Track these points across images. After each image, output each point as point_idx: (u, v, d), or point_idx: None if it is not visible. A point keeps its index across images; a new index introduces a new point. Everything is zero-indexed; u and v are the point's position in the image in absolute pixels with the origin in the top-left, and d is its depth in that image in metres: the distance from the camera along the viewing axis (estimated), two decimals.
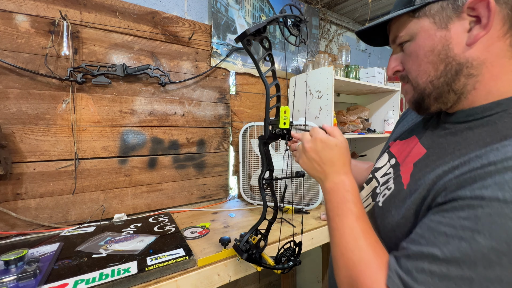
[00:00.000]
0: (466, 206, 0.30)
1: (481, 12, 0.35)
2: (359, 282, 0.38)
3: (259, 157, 1.41)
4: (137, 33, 1.19)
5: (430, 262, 0.31)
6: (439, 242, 0.31)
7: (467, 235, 0.29)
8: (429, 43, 0.40)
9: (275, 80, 0.71)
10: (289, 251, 0.79)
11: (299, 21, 0.69)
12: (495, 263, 0.27)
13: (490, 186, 0.29)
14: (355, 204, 0.45)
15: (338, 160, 0.50)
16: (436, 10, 0.39)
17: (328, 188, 0.49)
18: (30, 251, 0.81)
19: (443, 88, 0.41)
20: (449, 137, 0.41)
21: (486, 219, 0.28)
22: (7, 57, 0.95)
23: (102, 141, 1.14)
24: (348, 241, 0.42)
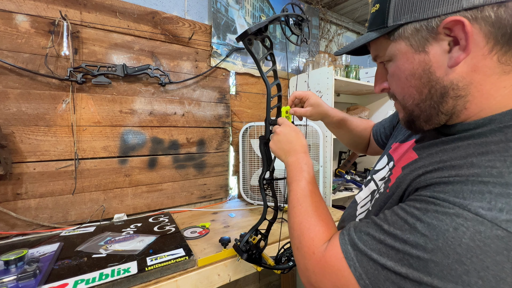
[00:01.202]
0: (422, 200, 0.34)
1: (458, 34, 0.33)
2: (302, 226, 0.47)
3: (259, 157, 1.41)
4: (137, 33, 1.19)
5: (376, 230, 0.36)
6: (390, 220, 0.35)
7: (410, 220, 0.33)
8: (409, 66, 0.38)
9: (276, 80, 0.71)
10: (289, 251, 0.79)
11: (301, 20, 0.68)
12: (421, 246, 0.31)
13: (448, 192, 0.32)
14: (308, 173, 0.56)
15: (299, 142, 0.62)
16: (410, 33, 0.37)
17: (291, 161, 0.60)
18: (30, 251, 0.81)
19: (431, 111, 0.39)
20: (440, 146, 0.40)
21: (431, 213, 0.31)
22: (7, 57, 0.95)
23: (102, 141, 1.14)
24: (300, 199, 0.52)
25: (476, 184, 0.30)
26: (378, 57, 0.45)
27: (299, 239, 0.46)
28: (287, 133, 0.63)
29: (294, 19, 0.68)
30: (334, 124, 0.83)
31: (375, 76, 0.48)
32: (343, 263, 0.37)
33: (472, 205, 0.29)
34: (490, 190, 0.29)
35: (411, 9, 0.36)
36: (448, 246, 0.29)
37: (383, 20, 0.39)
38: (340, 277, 0.37)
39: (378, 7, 0.40)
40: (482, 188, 0.29)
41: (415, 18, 0.36)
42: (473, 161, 0.33)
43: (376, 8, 0.41)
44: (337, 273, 0.38)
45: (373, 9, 0.42)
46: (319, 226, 0.46)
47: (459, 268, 0.28)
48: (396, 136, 0.62)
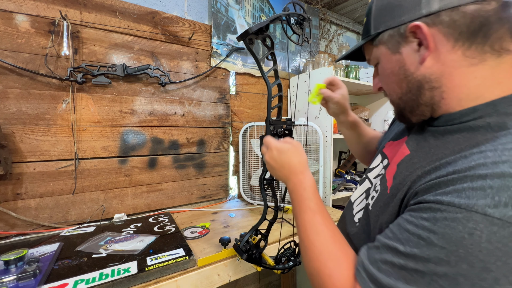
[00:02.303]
0: (428, 208, 0.33)
1: (420, 36, 0.39)
2: (321, 273, 0.43)
3: (259, 157, 1.41)
4: (137, 33, 1.19)
5: (393, 255, 0.35)
6: (403, 238, 0.35)
7: (424, 235, 0.32)
8: (389, 66, 0.45)
9: (277, 80, 0.71)
10: (289, 251, 0.79)
11: (302, 19, 0.68)
12: (444, 261, 0.30)
13: (450, 193, 0.32)
14: (312, 200, 0.51)
15: (293, 162, 0.56)
16: (386, 38, 0.44)
17: (290, 189, 0.55)
18: (30, 251, 0.81)
19: (412, 102, 0.44)
20: (432, 140, 0.42)
21: (442, 222, 0.31)
22: (7, 57, 0.95)
23: (102, 141, 1.14)
24: (309, 235, 0.47)
25: (474, 180, 0.31)
26: (369, 61, 0.52)
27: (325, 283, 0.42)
28: (276, 157, 0.58)
29: (296, 18, 0.68)
30: (348, 124, 0.81)
31: (373, 77, 0.55)
32: None
33: (478, 204, 0.29)
34: (490, 185, 0.29)
35: (385, 19, 0.43)
36: (470, 255, 0.29)
37: (368, 30, 0.47)
38: None
39: (365, 20, 0.49)
40: (482, 184, 0.30)
41: (388, 27, 0.43)
42: (466, 154, 0.34)
43: (364, 21, 0.49)
44: None
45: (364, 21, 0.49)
46: (337, 264, 0.42)
47: (488, 276, 0.28)
48: (388, 136, 0.64)
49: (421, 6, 0.39)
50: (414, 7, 0.39)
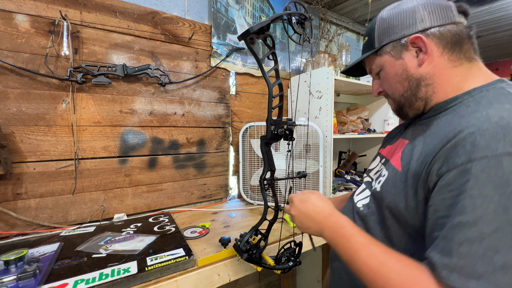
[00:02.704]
0: (461, 171, 0.38)
1: (420, 44, 0.52)
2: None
3: (259, 157, 1.41)
4: (137, 33, 1.19)
5: (462, 230, 0.35)
6: (458, 209, 0.36)
7: (476, 193, 0.35)
8: (393, 70, 0.57)
9: (278, 80, 0.71)
10: (289, 251, 0.79)
11: (303, 19, 0.68)
12: (509, 207, 0.33)
13: (471, 151, 0.37)
14: (358, 235, 0.49)
15: (319, 206, 0.58)
16: (390, 48, 0.56)
17: (328, 237, 0.54)
18: (30, 251, 0.81)
19: (411, 98, 0.56)
20: (424, 127, 0.54)
21: (482, 175, 0.35)
22: (7, 57, 0.95)
23: (102, 141, 1.14)
24: (374, 268, 0.44)
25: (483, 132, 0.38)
26: (372, 70, 0.63)
27: None
28: (301, 208, 0.59)
29: (297, 18, 0.68)
30: None
31: (372, 85, 0.66)
32: None
33: (499, 148, 0.35)
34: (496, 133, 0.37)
35: (388, 35, 0.56)
36: None
37: (371, 44, 0.60)
38: None
39: (367, 39, 0.62)
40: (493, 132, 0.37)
41: (391, 40, 0.56)
42: (461, 121, 0.43)
43: (365, 40, 0.62)
44: None
45: (364, 41, 0.63)
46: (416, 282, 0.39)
47: None
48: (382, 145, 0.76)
49: (416, 25, 0.53)
50: (411, 25, 0.53)
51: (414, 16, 0.53)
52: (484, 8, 1.95)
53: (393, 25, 0.55)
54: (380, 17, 0.58)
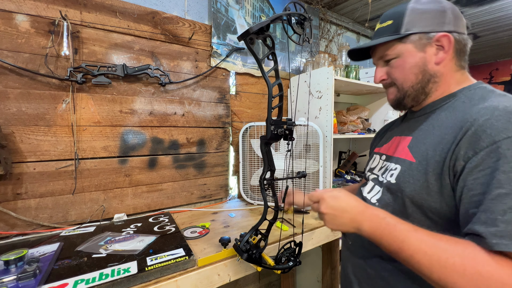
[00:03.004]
0: (488, 152, 0.43)
1: (444, 43, 0.57)
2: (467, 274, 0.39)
3: (259, 157, 1.41)
4: (137, 33, 1.19)
5: (503, 199, 0.39)
6: (494, 184, 0.41)
7: (508, 169, 0.40)
8: (413, 60, 0.59)
9: (278, 80, 0.71)
10: (289, 251, 0.79)
11: (303, 19, 0.68)
12: None
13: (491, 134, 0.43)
14: (400, 223, 0.49)
15: (352, 202, 0.55)
16: (416, 39, 0.58)
17: (369, 229, 0.52)
18: (30, 251, 0.81)
19: (419, 90, 0.61)
20: (424, 122, 0.60)
21: (507, 152, 0.41)
22: (7, 57, 0.95)
23: (102, 141, 1.14)
24: (433, 252, 0.43)
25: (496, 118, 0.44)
26: (385, 56, 0.63)
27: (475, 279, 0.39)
28: (334, 205, 0.56)
29: (296, 18, 0.68)
30: None
31: (376, 71, 0.67)
32: None
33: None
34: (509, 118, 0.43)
35: (417, 25, 0.58)
36: None
37: (396, 30, 0.59)
38: None
39: (391, 22, 0.61)
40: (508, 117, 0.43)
41: (420, 31, 0.58)
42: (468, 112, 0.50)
43: (389, 23, 0.61)
44: None
45: (386, 24, 0.62)
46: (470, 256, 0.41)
47: None
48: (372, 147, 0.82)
49: (445, 24, 0.56)
50: (440, 23, 0.57)
51: (445, 16, 0.57)
52: (484, 8, 1.95)
53: (425, 18, 0.57)
54: (413, 6, 0.59)
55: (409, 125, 0.66)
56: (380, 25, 0.64)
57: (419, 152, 0.56)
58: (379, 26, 0.64)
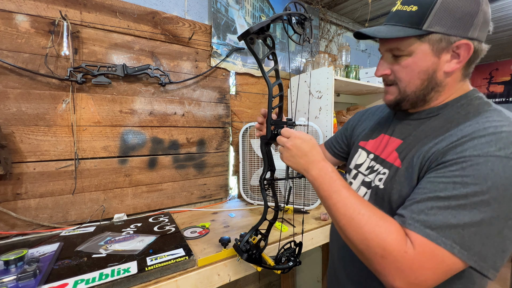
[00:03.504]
0: (453, 163, 0.45)
1: (462, 52, 0.50)
2: (374, 240, 0.46)
3: (259, 157, 1.41)
4: (137, 33, 1.19)
5: (436, 201, 0.44)
6: (439, 188, 0.45)
7: (458, 180, 0.43)
8: (425, 64, 0.53)
9: (278, 80, 0.71)
10: (289, 251, 0.79)
11: (303, 19, 0.68)
12: (479, 192, 0.42)
13: (467, 149, 0.45)
14: (341, 180, 0.55)
15: (314, 151, 0.59)
16: (436, 40, 0.51)
17: (315, 174, 0.57)
18: (30, 251, 0.81)
19: (420, 97, 0.57)
20: (417, 128, 0.58)
21: (469, 168, 0.43)
22: (7, 57, 0.95)
23: (102, 141, 1.14)
24: (354, 207, 0.50)
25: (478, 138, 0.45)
26: (397, 50, 0.55)
27: (382, 246, 0.45)
28: (299, 145, 0.60)
29: (297, 18, 0.68)
30: None
31: (380, 63, 0.61)
32: (431, 245, 0.42)
33: (490, 151, 0.43)
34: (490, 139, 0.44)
35: (444, 23, 0.49)
36: (496, 182, 0.41)
37: (419, 22, 0.50)
38: (436, 259, 0.42)
39: (416, 9, 0.51)
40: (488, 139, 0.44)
41: (444, 32, 0.49)
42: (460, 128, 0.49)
43: (412, 8, 0.52)
44: (432, 257, 0.42)
45: (408, 8, 0.52)
46: (388, 224, 0.47)
47: (508, 192, 0.41)
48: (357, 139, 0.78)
49: (471, 29, 0.49)
50: (467, 27, 0.49)
51: (475, 18, 0.49)
52: None
53: (454, 16, 0.49)
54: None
55: (401, 126, 0.63)
56: (402, 7, 0.54)
57: (406, 158, 0.56)
58: (400, 8, 0.54)
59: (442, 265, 0.42)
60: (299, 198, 1.36)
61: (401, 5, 0.54)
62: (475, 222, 0.41)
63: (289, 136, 0.62)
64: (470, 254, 0.41)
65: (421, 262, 0.43)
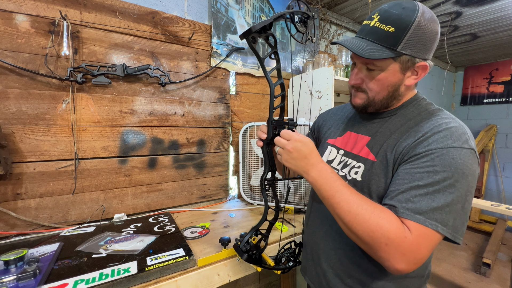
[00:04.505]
0: (424, 155, 0.55)
1: (420, 70, 0.62)
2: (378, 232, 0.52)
3: (259, 157, 1.41)
4: (137, 33, 1.19)
5: (417, 189, 0.53)
6: (417, 178, 0.54)
7: (430, 169, 0.53)
8: (394, 79, 0.63)
9: (280, 79, 0.70)
10: (289, 252, 0.79)
11: (306, 17, 0.67)
12: (448, 178, 0.52)
13: (432, 143, 0.55)
14: (341, 180, 0.60)
15: (314, 153, 0.63)
16: (405, 60, 0.60)
17: (316, 176, 0.61)
18: (30, 251, 0.81)
19: (384, 104, 0.67)
20: (382, 126, 0.68)
21: (436, 159, 0.53)
22: (7, 57, 0.95)
23: (102, 141, 1.14)
24: (357, 204, 0.55)
25: (438, 133, 0.56)
26: (372, 65, 0.63)
27: (386, 236, 0.51)
28: (299, 148, 0.62)
29: (300, 17, 0.67)
30: None
31: (354, 73, 0.68)
32: (422, 228, 0.51)
33: (448, 143, 0.54)
34: (446, 133, 0.55)
35: (413, 47, 0.59)
36: (457, 167, 0.52)
37: (395, 44, 0.58)
38: (427, 238, 0.51)
39: (393, 30, 0.58)
40: (444, 134, 0.56)
41: (412, 54, 0.59)
42: (421, 125, 0.60)
43: (390, 29, 0.58)
44: (425, 238, 0.51)
45: (386, 28, 0.59)
46: (388, 215, 0.53)
47: (469, 173, 0.53)
48: (323, 137, 0.85)
49: (430, 52, 0.61)
50: (428, 50, 0.60)
51: (434, 42, 0.60)
52: (484, 8, 1.95)
53: (421, 41, 0.59)
54: (418, 22, 0.57)
55: (366, 125, 0.72)
56: (380, 25, 0.59)
57: (379, 152, 0.63)
58: (378, 25, 0.59)
59: (431, 242, 0.51)
60: (299, 198, 1.36)
61: (379, 22, 0.60)
62: (448, 202, 0.51)
63: (289, 139, 0.64)
64: (448, 229, 0.51)
65: (418, 244, 0.51)
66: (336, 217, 0.59)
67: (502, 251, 2.70)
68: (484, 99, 3.67)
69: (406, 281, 0.65)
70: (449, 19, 2.13)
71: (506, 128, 3.46)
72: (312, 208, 0.81)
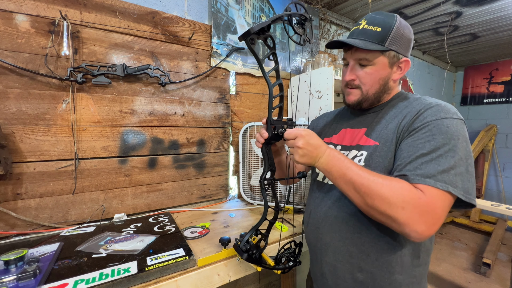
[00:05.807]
0: (422, 127, 0.62)
1: (403, 66, 0.72)
2: (394, 200, 0.55)
3: (259, 157, 1.41)
4: (137, 33, 1.19)
5: (422, 157, 0.58)
6: (419, 148, 0.59)
7: (429, 138, 0.59)
8: (383, 73, 0.71)
9: (279, 80, 0.71)
10: (289, 251, 0.79)
11: (304, 19, 0.68)
12: (446, 144, 0.58)
13: (427, 116, 0.62)
14: (348, 159, 0.64)
15: (320, 142, 0.67)
16: (391, 56, 0.70)
17: (326, 161, 0.65)
18: (30, 251, 0.81)
19: (377, 98, 0.74)
20: (376, 117, 0.74)
21: (434, 128, 0.60)
22: (7, 57, 0.95)
23: (102, 141, 1.14)
24: (368, 177, 0.59)
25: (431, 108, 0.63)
26: (365, 60, 0.70)
27: (401, 199, 0.55)
28: (309, 141, 0.65)
29: (297, 19, 0.68)
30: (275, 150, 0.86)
31: (349, 70, 0.74)
32: (434, 190, 0.55)
33: (440, 115, 0.61)
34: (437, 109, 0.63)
35: (397, 44, 0.69)
36: (452, 134, 0.58)
37: (383, 41, 0.68)
38: (441, 200, 0.55)
39: (380, 30, 0.68)
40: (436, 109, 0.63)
41: (397, 50, 0.69)
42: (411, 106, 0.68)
43: (377, 29, 0.68)
44: (438, 198, 0.55)
45: (374, 28, 0.69)
46: (400, 182, 0.57)
47: (463, 139, 0.59)
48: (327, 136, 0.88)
49: (409, 51, 0.72)
50: (407, 49, 0.72)
51: (410, 44, 0.73)
52: (484, 8, 1.95)
53: (402, 40, 0.69)
54: (398, 25, 0.68)
55: (360, 120, 0.78)
56: (368, 26, 0.69)
57: (381, 137, 0.69)
58: (367, 27, 0.69)
59: (445, 203, 0.55)
60: (299, 198, 1.36)
61: (367, 25, 0.70)
62: (452, 165, 0.56)
63: (295, 137, 0.66)
64: (458, 190, 0.55)
65: (433, 203, 0.54)
66: (351, 193, 0.61)
67: (502, 251, 2.70)
68: (484, 99, 3.67)
69: (415, 271, 0.68)
70: (449, 19, 2.13)
71: (506, 128, 3.46)
72: (312, 206, 0.81)
